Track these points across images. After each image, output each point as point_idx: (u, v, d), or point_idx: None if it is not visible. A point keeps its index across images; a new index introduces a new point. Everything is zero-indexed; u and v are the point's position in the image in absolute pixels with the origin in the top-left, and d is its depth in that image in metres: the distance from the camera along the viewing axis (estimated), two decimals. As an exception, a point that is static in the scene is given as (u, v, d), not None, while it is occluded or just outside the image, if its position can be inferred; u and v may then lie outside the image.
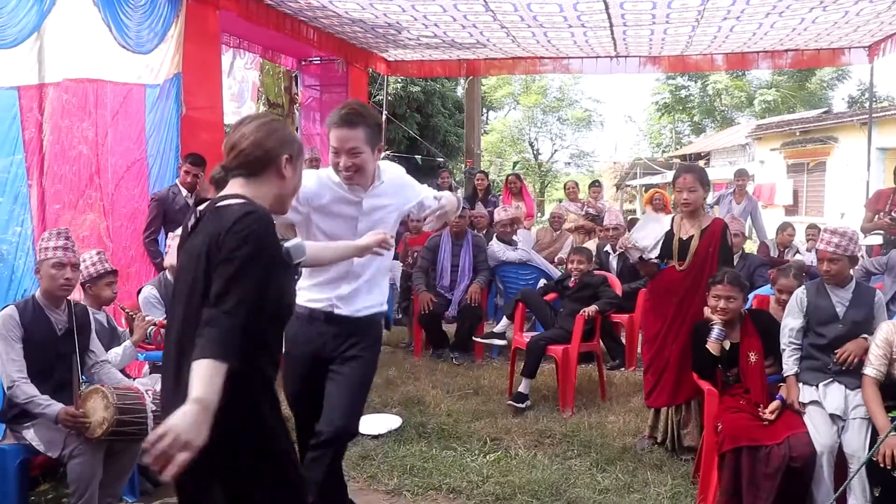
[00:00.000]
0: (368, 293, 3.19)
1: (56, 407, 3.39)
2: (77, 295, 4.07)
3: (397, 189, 3.30)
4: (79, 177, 4.96)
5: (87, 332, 3.79)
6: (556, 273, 7.47)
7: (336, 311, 3.13)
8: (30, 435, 3.54)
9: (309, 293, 3.16)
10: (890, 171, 7.43)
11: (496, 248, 7.52)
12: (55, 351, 3.61)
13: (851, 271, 4.03)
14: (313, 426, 3.05)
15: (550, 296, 6.43)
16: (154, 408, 3.49)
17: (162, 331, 4.38)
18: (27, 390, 3.41)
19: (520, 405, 5.44)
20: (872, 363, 3.62)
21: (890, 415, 3.51)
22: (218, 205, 2.16)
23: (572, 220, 9.29)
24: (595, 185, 10.85)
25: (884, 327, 3.68)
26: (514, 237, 7.66)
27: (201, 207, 2.23)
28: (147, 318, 4.31)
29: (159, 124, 5.66)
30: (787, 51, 9.06)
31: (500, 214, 7.76)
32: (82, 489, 3.36)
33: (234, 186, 2.23)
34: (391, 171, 3.30)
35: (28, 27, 4.57)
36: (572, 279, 6.22)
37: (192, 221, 2.22)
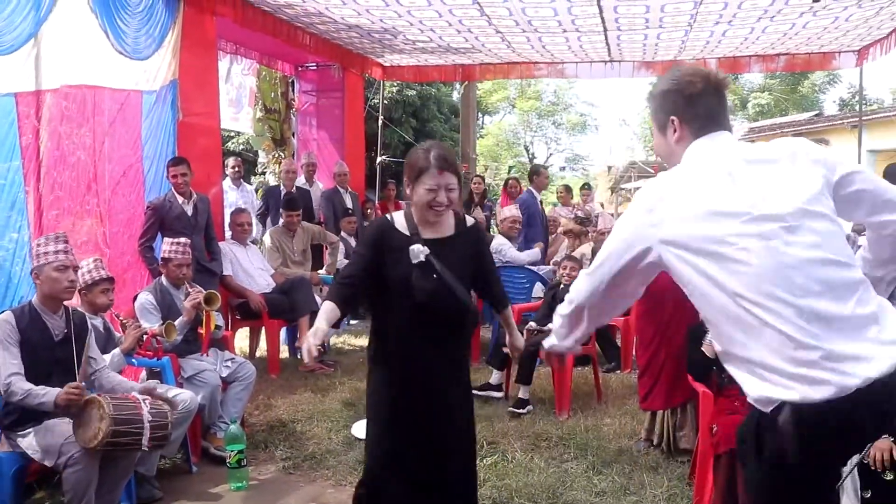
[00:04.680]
0: None
1: (53, 392, 3.38)
2: (75, 301, 4.08)
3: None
4: (77, 183, 4.96)
5: (85, 339, 3.80)
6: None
7: None
8: (25, 443, 3.55)
9: None
10: (880, 173, 7.48)
11: (503, 244, 7.56)
12: (53, 357, 3.62)
13: None
14: None
15: (529, 305, 6.46)
16: (150, 418, 3.49)
17: (153, 340, 4.39)
18: (23, 385, 3.41)
19: (521, 411, 5.46)
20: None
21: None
22: None
23: (565, 225, 9.34)
24: (585, 187, 10.90)
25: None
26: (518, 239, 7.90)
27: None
28: (139, 327, 4.33)
29: (155, 130, 5.68)
30: (779, 55, 9.11)
31: (511, 210, 7.95)
32: (79, 497, 3.36)
33: None
34: None
35: (25, 33, 4.57)
36: (561, 286, 6.23)
37: None
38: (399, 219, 3.01)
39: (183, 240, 4.93)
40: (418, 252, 2.84)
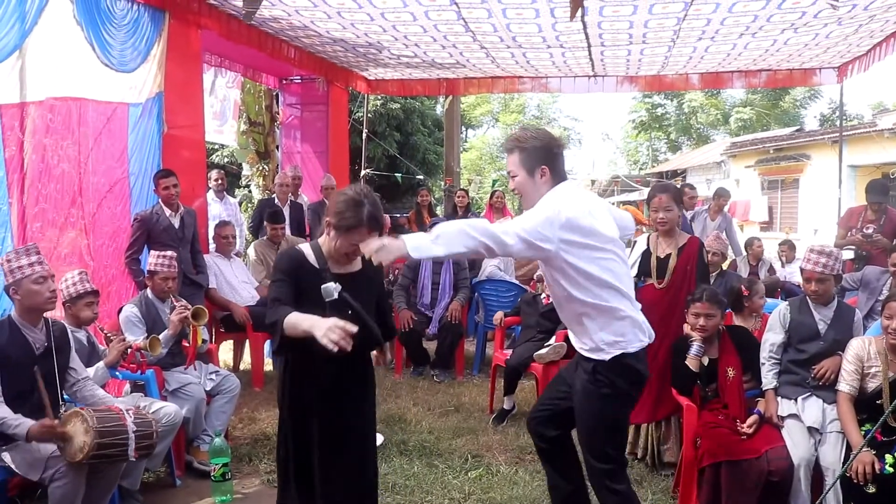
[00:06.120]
0: None
1: (27, 424, 3.32)
2: (58, 313, 4.05)
3: None
4: (62, 195, 4.93)
5: (66, 351, 3.77)
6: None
7: None
8: (8, 458, 3.51)
9: None
10: (861, 189, 7.60)
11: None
12: (34, 371, 3.58)
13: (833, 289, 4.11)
14: None
15: (512, 319, 6.47)
16: (135, 429, 3.47)
17: (137, 353, 4.36)
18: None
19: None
20: (845, 379, 3.70)
21: (863, 429, 3.59)
22: None
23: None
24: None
25: (854, 344, 3.76)
26: None
27: None
28: (123, 341, 4.30)
29: (141, 143, 5.67)
30: (760, 70, 9.24)
31: None
32: (65, 510, 3.33)
33: None
34: None
35: (9, 46, 4.55)
36: (544, 296, 6.21)
37: None
38: (308, 251, 3.02)
39: (170, 253, 4.92)
40: (332, 290, 2.86)
